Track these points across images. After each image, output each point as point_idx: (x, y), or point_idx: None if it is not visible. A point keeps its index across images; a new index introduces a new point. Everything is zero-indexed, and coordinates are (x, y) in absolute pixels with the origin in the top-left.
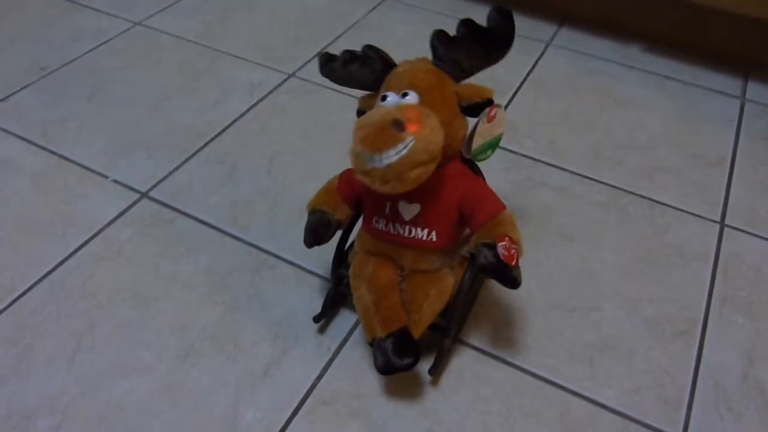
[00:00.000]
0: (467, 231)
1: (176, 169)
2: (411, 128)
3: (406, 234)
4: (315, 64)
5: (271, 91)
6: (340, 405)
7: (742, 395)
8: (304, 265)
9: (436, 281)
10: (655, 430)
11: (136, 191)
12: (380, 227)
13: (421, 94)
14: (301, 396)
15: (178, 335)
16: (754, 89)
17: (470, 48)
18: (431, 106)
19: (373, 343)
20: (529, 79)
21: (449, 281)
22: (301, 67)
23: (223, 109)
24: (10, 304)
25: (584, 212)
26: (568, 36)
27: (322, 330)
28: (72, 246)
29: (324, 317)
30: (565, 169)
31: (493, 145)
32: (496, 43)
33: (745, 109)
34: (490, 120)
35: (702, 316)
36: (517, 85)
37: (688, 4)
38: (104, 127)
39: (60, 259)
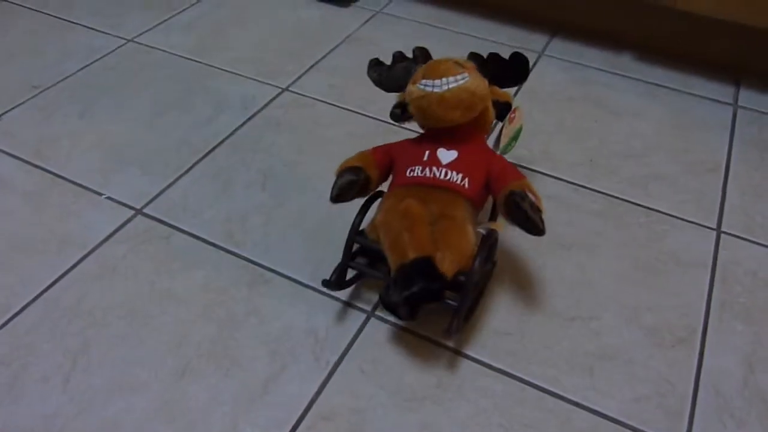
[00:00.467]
0: (480, 216)
1: (171, 185)
2: (467, 70)
3: (442, 176)
4: (308, 78)
5: (264, 106)
6: (340, 420)
7: (743, 402)
8: (300, 279)
9: (462, 229)
10: None
11: (131, 208)
12: (416, 173)
13: (468, 71)
14: (300, 412)
15: (174, 352)
16: (746, 96)
17: (494, 71)
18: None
19: (400, 272)
20: (522, 89)
21: (472, 235)
22: (295, 81)
23: (216, 125)
24: (5, 324)
25: (581, 221)
26: (560, 46)
27: (320, 343)
28: (66, 264)
29: (333, 286)
30: (561, 179)
31: (516, 137)
32: (514, 74)
33: (738, 115)
34: (511, 122)
35: (701, 323)
36: (511, 95)
37: (679, 13)
38: (97, 145)
39: (55, 277)
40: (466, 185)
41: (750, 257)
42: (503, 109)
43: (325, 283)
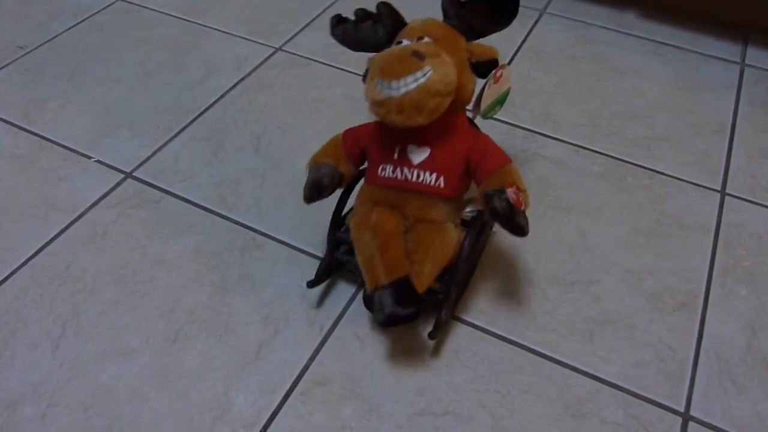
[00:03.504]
0: (467, 195)
1: (161, 147)
2: (430, 59)
3: (414, 178)
4: (302, 37)
5: (257, 66)
6: (334, 386)
7: (746, 367)
8: (294, 243)
9: (441, 232)
10: (658, 405)
11: (121, 171)
12: (387, 174)
13: (435, 41)
14: (293, 378)
15: (166, 318)
16: (754, 54)
17: (479, 12)
18: (446, 50)
19: (374, 294)
20: (523, 48)
21: (453, 234)
22: (289, 40)
23: (208, 86)
24: None
25: (582, 184)
26: (562, 3)
27: (314, 308)
28: (55, 229)
29: (318, 283)
30: (562, 140)
31: (501, 101)
32: (502, 11)
33: (745, 74)
34: (496, 81)
35: (704, 288)
36: (511, 55)
37: None
38: (87, 107)
39: (43, 242)
40: (441, 184)
41: (755, 220)
42: (487, 68)
43: (310, 284)
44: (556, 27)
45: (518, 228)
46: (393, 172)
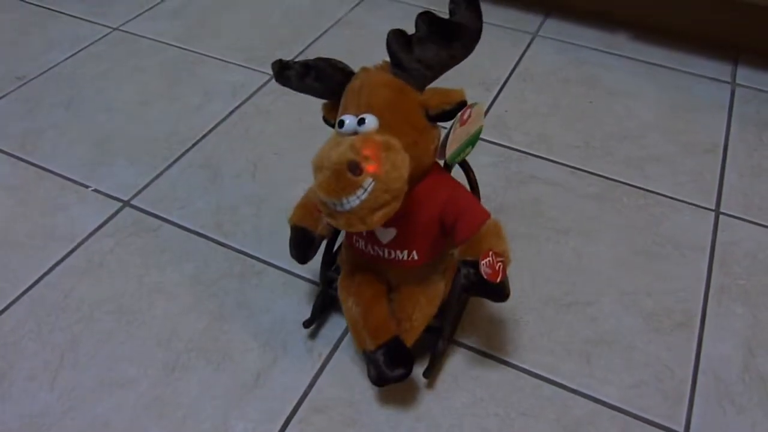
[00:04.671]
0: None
1: (159, 175)
2: (369, 169)
3: (386, 256)
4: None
5: (253, 93)
6: (333, 412)
7: (744, 387)
8: (291, 269)
9: (425, 288)
10: (657, 426)
11: (118, 200)
12: (360, 246)
13: (379, 116)
14: (292, 405)
15: (164, 347)
16: (744, 74)
17: (433, 46)
18: (393, 128)
19: (364, 356)
20: (516, 71)
21: (439, 287)
22: None
23: (205, 113)
24: None
25: (577, 205)
26: (554, 26)
27: (312, 335)
28: (53, 259)
29: (314, 322)
30: (556, 162)
31: (473, 141)
32: (461, 37)
33: (736, 94)
34: (463, 123)
35: (700, 307)
36: (505, 77)
37: None
38: (84, 136)
39: (41, 273)
40: (415, 257)
41: (749, 238)
42: (452, 114)
43: (306, 323)
44: (549, 49)
45: (495, 296)
46: (366, 246)
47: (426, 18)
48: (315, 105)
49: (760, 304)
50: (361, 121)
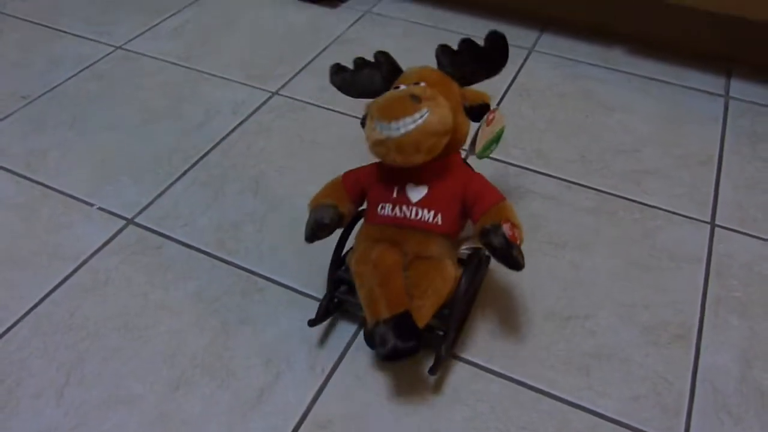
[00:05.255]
0: (463, 234)
1: (162, 193)
2: (426, 102)
3: (413, 216)
4: (298, 81)
5: (255, 110)
6: (336, 428)
7: (741, 398)
8: (294, 285)
9: (439, 269)
10: None
11: (122, 218)
12: (386, 212)
13: (431, 86)
14: (296, 421)
15: (168, 364)
16: (737, 86)
17: (470, 62)
18: (441, 94)
19: (376, 329)
20: (513, 86)
21: (451, 271)
22: (284, 84)
23: (207, 131)
24: None
25: (574, 219)
26: (550, 42)
27: (314, 350)
28: (58, 277)
29: (319, 322)
30: (554, 176)
31: (497, 140)
32: (492, 61)
33: (730, 106)
34: (489, 123)
35: (697, 319)
36: (502, 93)
37: (669, 6)
38: (88, 154)
39: (47, 290)
40: (439, 221)
41: (744, 250)
42: (480, 112)
43: (311, 323)
44: (545, 65)
45: (514, 262)
46: (392, 210)
47: (468, 42)
48: (315, 122)
49: (757, 316)
50: (416, 84)
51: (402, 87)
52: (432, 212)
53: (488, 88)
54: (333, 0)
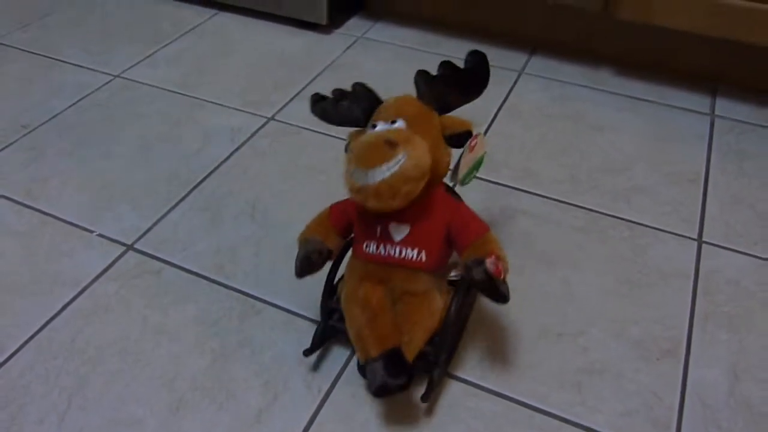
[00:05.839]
0: (452, 259)
1: (161, 219)
2: (402, 146)
3: (397, 255)
4: (293, 107)
5: (251, 136)
6: None
7: (730, 411)
8: (291, 308)
9: (426, 303)
10: None
11: (122, 244)
12: (371, 250)
13: (408, 122)
14: None
15: (168, 387)
16: (723, 105)
17: (450, 86)
18: (418, 132)
19: (366, 366)
20: (503, 108)
21: (439, 303)
22: (280, 110)
23: (205, 157)
24: (0, 366)
25: (565, 237)
26: (539, 64)
27: (311, 371)
28: (59, 303)
29: (314, 351)
30: (543, 196)
31: (477, 166)
32: (472, 83)
33: (715, 125)
34: (471, 150)
35: (686, 334)
36: (492, 114)
37: (654, 28)
38: (87, 182)
39: (48, 317)
40: (423, 258)
41: (731, 266)
42: (462, 140)
43: (307, 352)
44: (534, 86)
45: (499, 296)
46: (377, 248)
47: (447, 65)
48: (310, 146)
49: (744, 330)
50: (393, 122)
51: (379, 125)
52: (416, 250)
53: (480, 109)
54: (327, 26)
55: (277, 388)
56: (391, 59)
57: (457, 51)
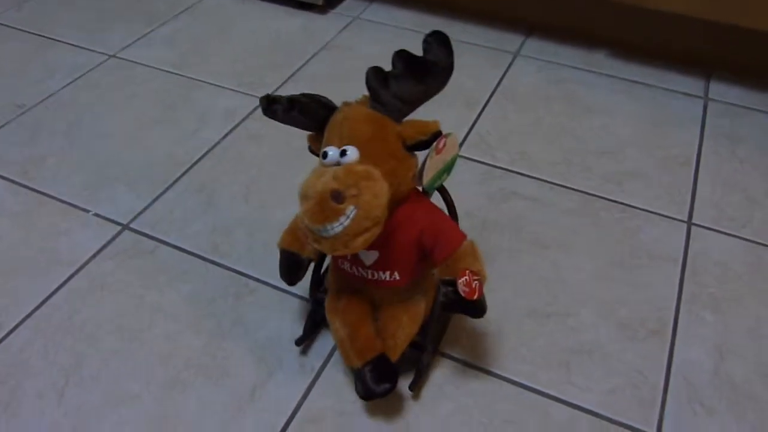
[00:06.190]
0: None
1: (156, 199)
2: (351, 198)
3: (370, 276)
4: (288, 88)
5: (246, 117)
6: (326, 423)
7: (713, 390)
8: (284, 287)
9: (407, 308)
10: (631, 429)
11: (118, 224)
12: (346, 268)
13: (360, 148)
14: (287, 417)
15: (164, 364)
16: (716, 89)
17: (408, 82)
18: (373, 157)
19: (353, 371)
20: (498, 90)
21: (421, 306)
22: (275, 91)
23: (200, 138)
24: None
25: (557, 220)
26: (535, 46)
27: (304, 350)
28: (56, 282)
29: (305, 340)
30: (537, 178)
31: (448, 169)
32: (434, 74)
33: (709, 108)
34: (438, 152)
35: (672, 315)
36: (487, 97)
37: (650, 11)
38: (83, 162)
39: (45, 295)
40: (397, 277)
41: (720, 248)
42: (428, 144)
43: (298, 341)
44: (530, 68)
45: (473, 313)
46: (351, 268)
47: (402, 56)
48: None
49: (730, 311)
50: (343, 153)
51: (330, 151)
52: (388, 272)
53: (474, 93)
54: (322, 6)
55: (271, 366)
56: (387, 40)
57: (451, 32)
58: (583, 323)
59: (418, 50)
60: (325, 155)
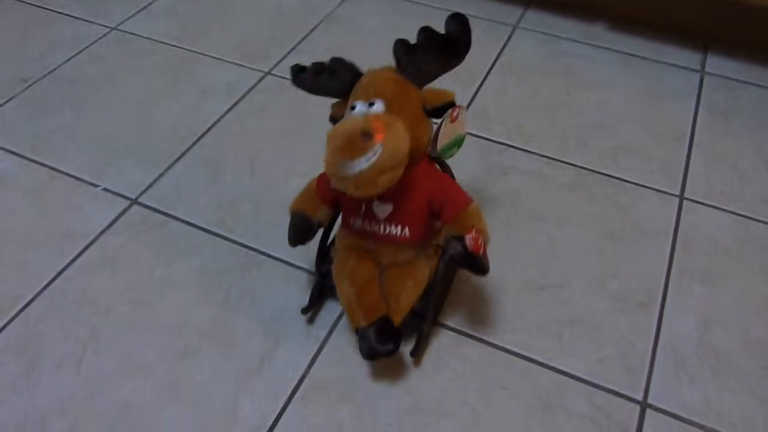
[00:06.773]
0: (439, 224)
1: (163, 174)
2: (378, 137)
3: (382, 231)
4: (290, 61)
5: (249, 91)
6: (331, 389)
7: (698, 359)
8: (290, 260)
9: (411, 272)
10: (619, 395)
11: (127, 198)
12: (357, 226)
13: (386, 103)
14: (294, 384)
15: (176, 335)
16: (713, 62)
17: (430, 55)
18: (397, 113)
19: (358, 332)
20: (497, 63)
21: (425, 271)
22: (277, 64)
23: (203, 112)
24: (17, 315)
25: (552, 194)
26: (534, 18)
27: (310, 321)
28: (69, 255)
29: (311, 309)
30: (534, 153)
31: (458, 143)
32: (454, 49)
33: (705, 82)
34: (453, 120)
35: (662, 288)
36: (486, 70)
37: None
38: (90, 136)
39: (59, 269)
40: (407, 234)
41: (710, 222)
42: (444, 111)
43: (304, 310)
44: (529, 41)
45: (477, 269)
46: (362, 224)
47: (426, 32)
48: (308, 101)
49: (718, 284)
50: (371, 105)
51: (358, 105)
52: (399, 227)
53: (473, 66)
54: None
55: (279, 336)
56: (386, 13)
57: (451, 4)
58: (575, 295)
59: (418, 22)
60: (353, 108)
